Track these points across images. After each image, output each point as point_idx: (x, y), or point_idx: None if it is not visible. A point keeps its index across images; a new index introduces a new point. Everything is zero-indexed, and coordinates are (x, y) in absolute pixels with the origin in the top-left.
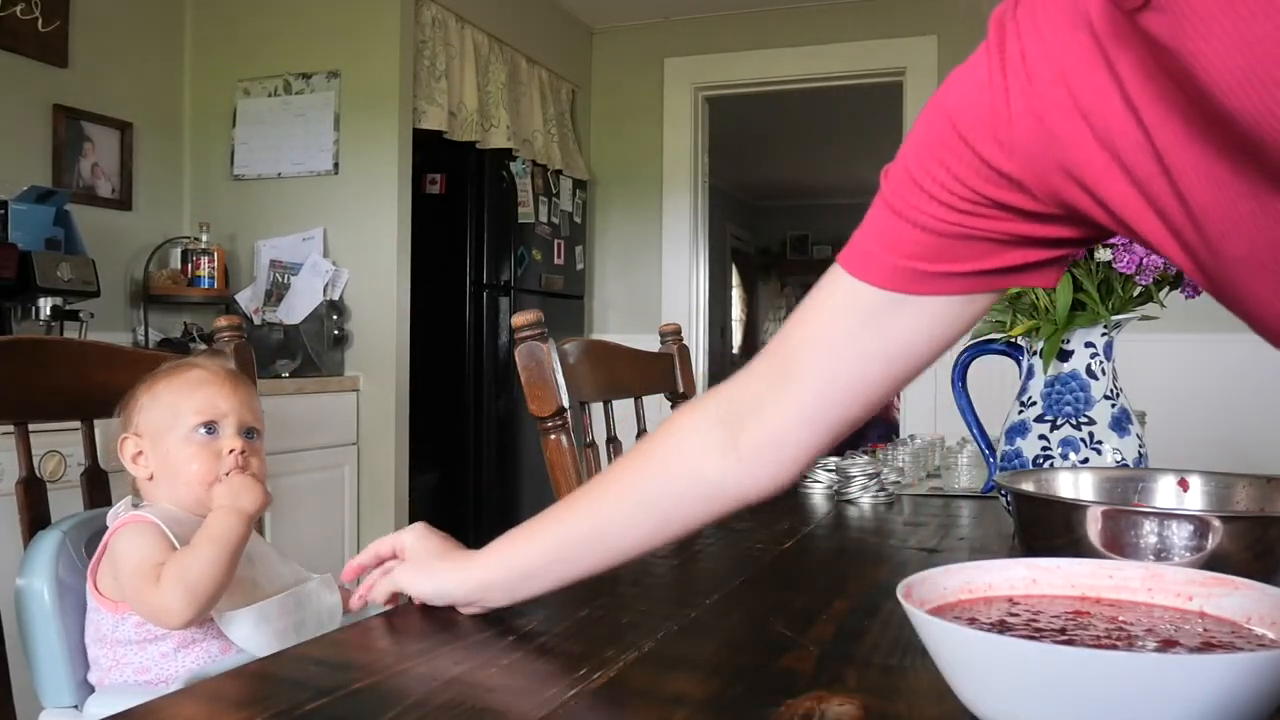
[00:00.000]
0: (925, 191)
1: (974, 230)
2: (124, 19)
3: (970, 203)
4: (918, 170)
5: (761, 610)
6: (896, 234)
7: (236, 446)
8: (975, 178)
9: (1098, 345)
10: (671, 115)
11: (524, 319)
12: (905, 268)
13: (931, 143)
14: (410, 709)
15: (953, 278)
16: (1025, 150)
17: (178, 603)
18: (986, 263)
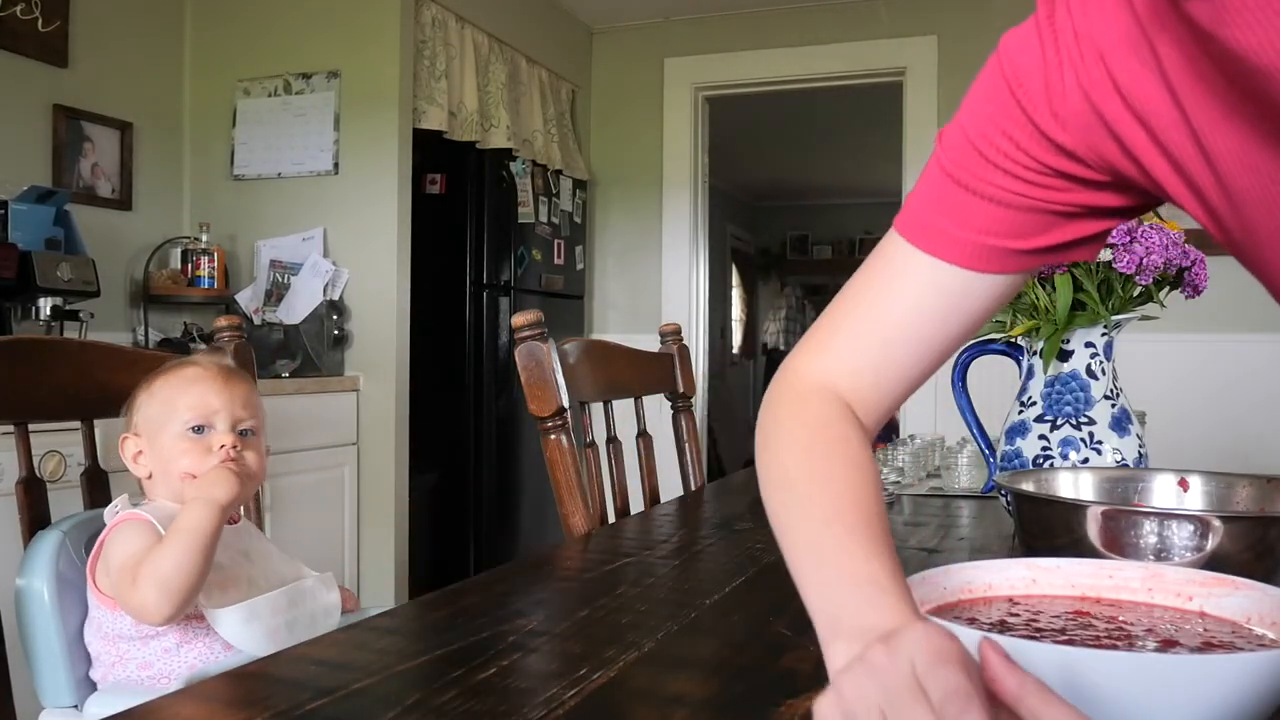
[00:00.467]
0: (990, 161)
1: (1040, 202)
2: (124, 19)
3: (1035, 172)
4: (979, 139)
5: (761, 610)
6: (966, 208)
7: (227, 443)
8: (1037, 148)
9: (1098, 345)
10: (671, 115)
11: (524, 319)
12: (983, 245)
13: (993, 111)
14: (410, 709)
15: (1026, 255)
16: (1077, 123)
17: (154, 599)
18: (1053, 237)
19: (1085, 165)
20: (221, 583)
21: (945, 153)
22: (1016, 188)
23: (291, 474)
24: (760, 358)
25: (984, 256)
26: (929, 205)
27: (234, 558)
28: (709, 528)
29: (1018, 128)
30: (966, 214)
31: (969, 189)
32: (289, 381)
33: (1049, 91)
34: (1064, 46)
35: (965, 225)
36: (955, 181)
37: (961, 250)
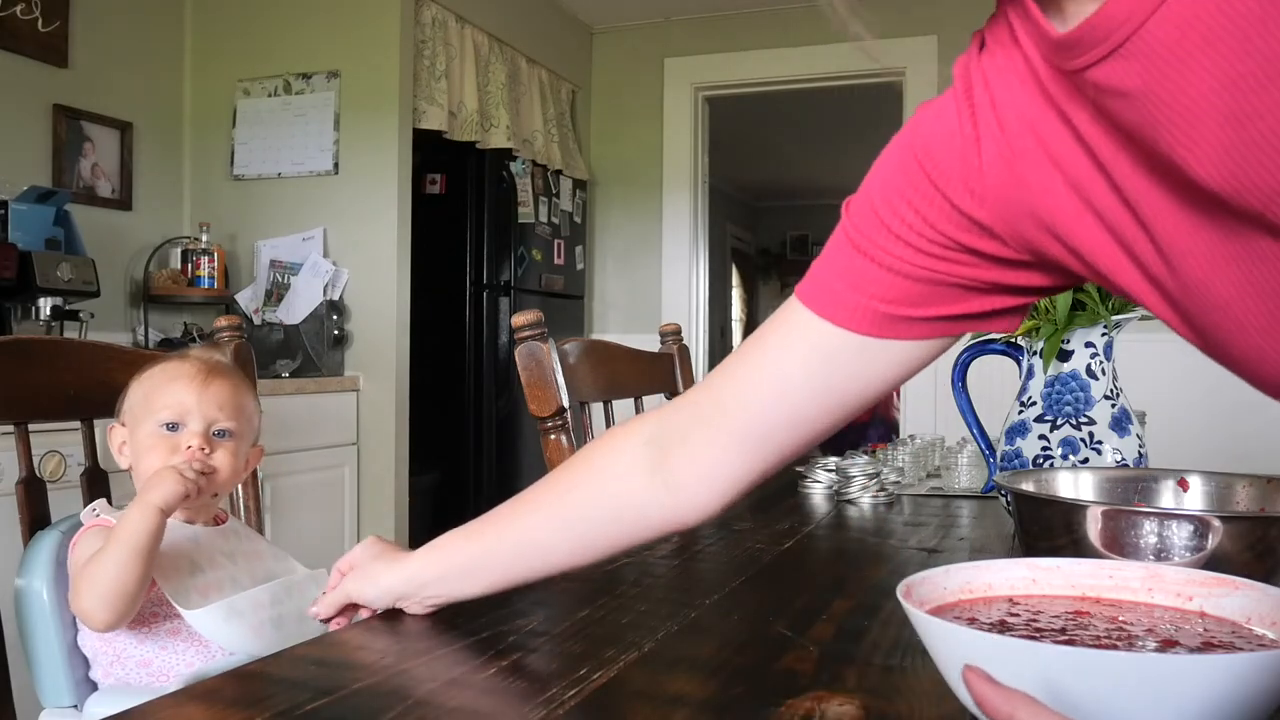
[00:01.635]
0: (893, 233)
1: (944, 275)
2: (124, 19)
3: (941, 247)
4: (885, 210)
5: (761, 610)
6: (863, 274)
7: (194, 444)
8: (946, 223)
9: (1098, 345)
10: (671, 115)
11: (524, 319)
12: (873, 310)
13: (900, 183)
14: (410, 709)
15: (921, 322)
16: (997, 198)
17: (94, 608)
18: (955, 308)
19: (1000, 242)
20: (202, 586)
21: (850, 220)
22: (918, 260)
23: (291, 474)
24: None
25: (877, 322)
26: (829, 271)
27: (215, 559)
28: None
29: (926, 202)
30: (862, 279)
31: (869, 256)
32: (289, 381)
33: (966, 166)
34: (982, 120)
35: (859, 290)
36: (856, 249)
37: (847, 312)
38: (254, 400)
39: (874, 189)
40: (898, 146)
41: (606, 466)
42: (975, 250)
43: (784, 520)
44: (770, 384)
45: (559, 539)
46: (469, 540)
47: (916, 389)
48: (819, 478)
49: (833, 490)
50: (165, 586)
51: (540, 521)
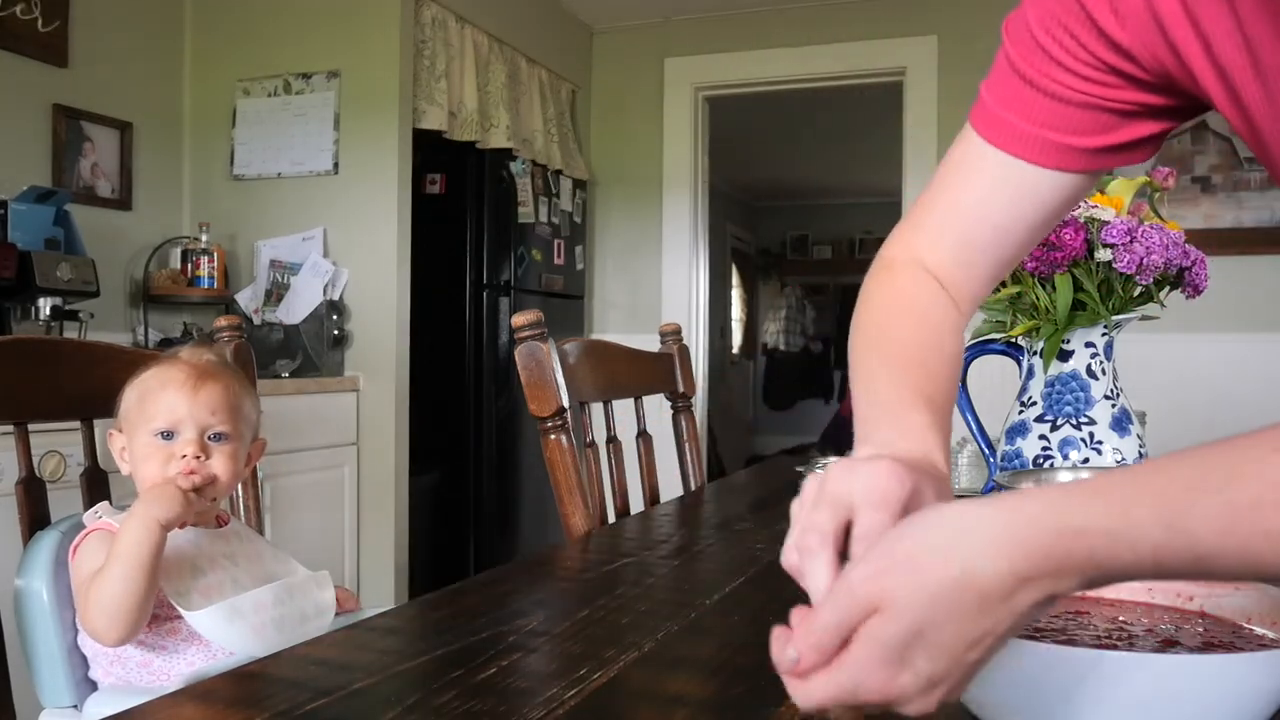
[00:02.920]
0: (1051, 56)
1: (1098, 99)
2: (124, 19)
3: (1092, 69)
4: (1041, 32)
5: (761, 610)
6: (1028, 101)
7: (189, 452)
8: (1094, 43)
9: (1098, 345)
10: (671, 115)
11: (524, 319)
12: (1046, 140)
13: (1055, 4)
14: (410, 709)
15: (1088, 154)
16: (1135, 22)
17: (102, 626)
18: (1111, 137)
19: (1139, 65)
20: (204, 589)
21: (1011, 45)
22: (1077, 85)
23: (291, 474)
24: (760, 358)
25: (1047, 152)
26: (997, 98)
27: (216, 561)
28: (709, 528)
29: (1077, 23)
30: (1030, 109)
31: (1032, 84)
32: (289, 381)
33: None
34: None
35: (1029, 119)
36: (1020, 75)
37: (1026, 145)
38: (251, 397)
39: (1030, 11)
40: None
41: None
42: (1121, 72)
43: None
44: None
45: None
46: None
47: None
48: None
49: None
50: (167, 588)
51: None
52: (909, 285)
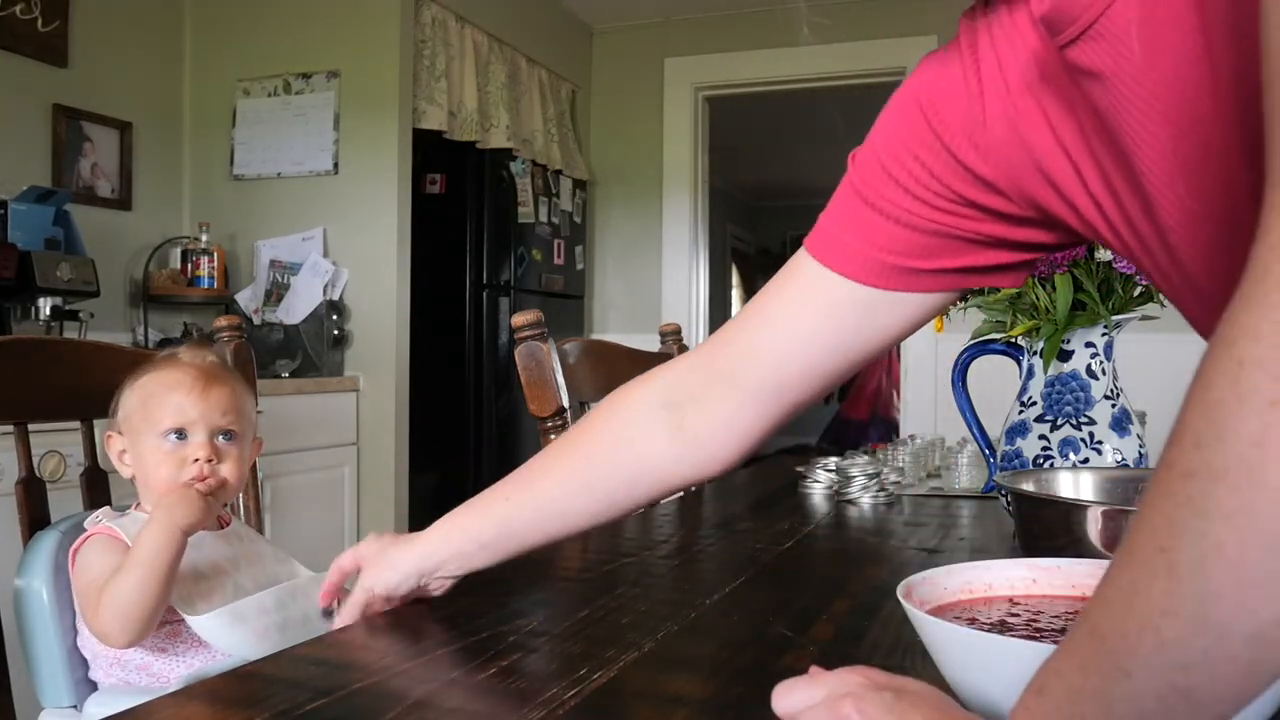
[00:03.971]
0: (898, 184)
1: (949, 228)
2: (124, 19)
3: (945, 200)
4: (890, 161)
5: (761, 610)
6: (869, 225)
7: (202, 455)
8: (950, 176)
9: (1098, 345)
10: (671, 115)
11: (524, 319)
12: (880, 261)
13: (905, 134)
14: (410, 709)
15: (927, 275)
16: (1000, 154)
17: (114, 628)
18: (961, 260)
19: (1005, 198)
20: (206, 592)
21: (856, 172)
22: (923, 212)
23: (291, 474)
24: None
25: (885, 274)
26: (836, 222)
27: (218, 564)
28: (709, 528)
29: (930, 155)
30: (869, 230)
31: (875, 208)
32: (289, 381)
33: (969, 122)
34: (987, 76)
35: (866, 241)
36: (863, 200)
37: (855, 263)
38: (251, 398)
39: (879, 141)
40: (902, 99)
41: (622, 430)
42: (979, 205)
43: (784, 520)
44: (783, 337)
45: (579, 503)
46: (486, 512)
47: (916, 389)
48: (819, 478)
49: (833, 490)
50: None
51: (558, 488)
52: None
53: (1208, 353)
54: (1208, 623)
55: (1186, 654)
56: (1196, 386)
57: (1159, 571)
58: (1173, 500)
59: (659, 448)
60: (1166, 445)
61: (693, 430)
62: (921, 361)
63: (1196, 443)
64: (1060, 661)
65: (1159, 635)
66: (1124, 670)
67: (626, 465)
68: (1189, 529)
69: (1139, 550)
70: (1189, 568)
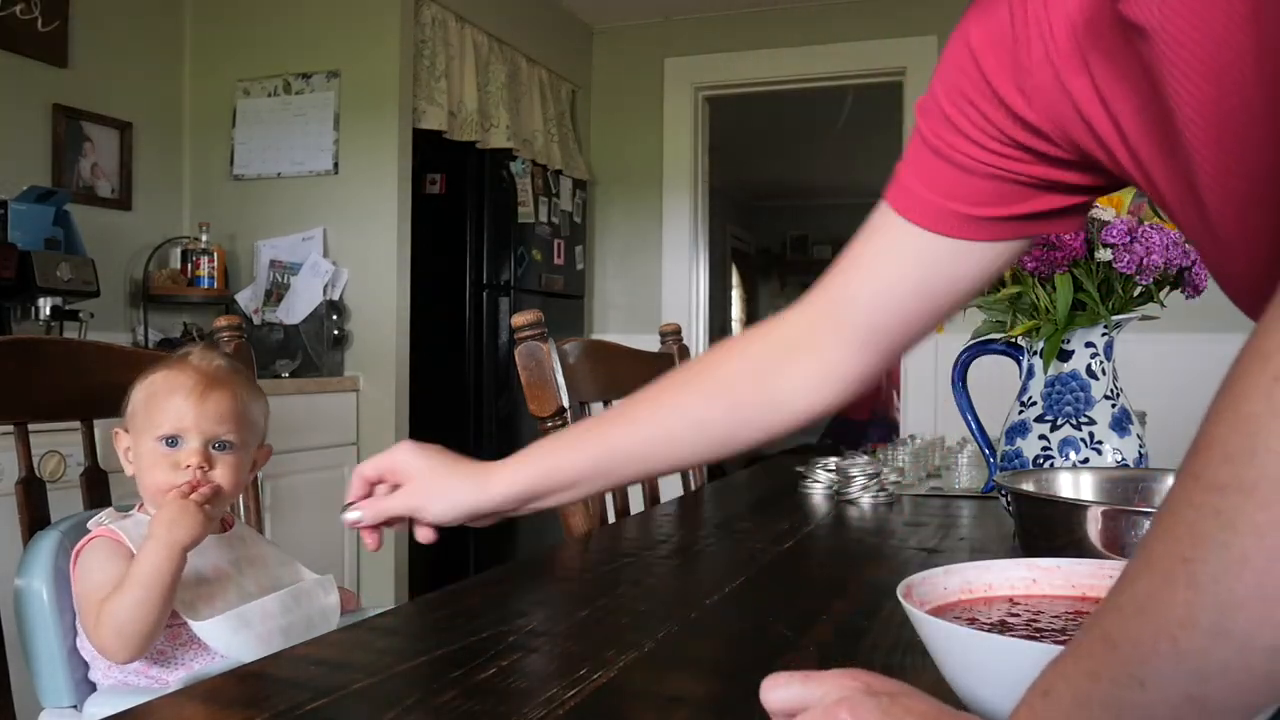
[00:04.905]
0: (957, 128)
1: (1003, 171)
2: (124, 19)
3: (1000, 143)
4: (948, 105)
5: (761, 610)
6: (935, 172)
7: (193, 462)
8: (1001, 119)
9: (1098, 345)
10: (671, 115)
11: (524, 319)
12: (950, 210)
13: (961, 81)
14: (410, 709)
15: (993, 223)
16: (1044, 99)
17: (113, 646)
18: (1019, 207)
19: (1050, 142)
20: (209, 596)
21: (923, 120)
22: (982, 156)
23: (291, 474)
24: None
25: (945, 220)
26: (909, 172)
27: (222, 568)
28: (709, 528)
29: (983, 99)
30: (936, 179)
31: (940, 155)
32: (289, 381)
33: (1016, 65)
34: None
35: (934, 188)
36: (930, 148)
37: (926, 212)
38: (259, 402)
39: (939, 88)
40: (955, 44)
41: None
42: (1028, 147)
43: (784, 520)
44: (877, 284)
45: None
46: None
47: (916, 389)
48: (819, 478)
49: (833, 490)
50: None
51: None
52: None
53: (1240, 364)
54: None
55: (1204, 665)
56: (1227, 398)
57: (1179, 581)
58: (1198, 512)
59: (781, 386)
60: (1191, 455)
61: (805, 372)
62: (921, 361)
63: (1226, 456)
64: (1068, 665)
65: (1176, 645)
66: (1137, 679)
67: (752, 404)
68: (1214, 541)
69: (1158, 559)
70: (1211, 579)
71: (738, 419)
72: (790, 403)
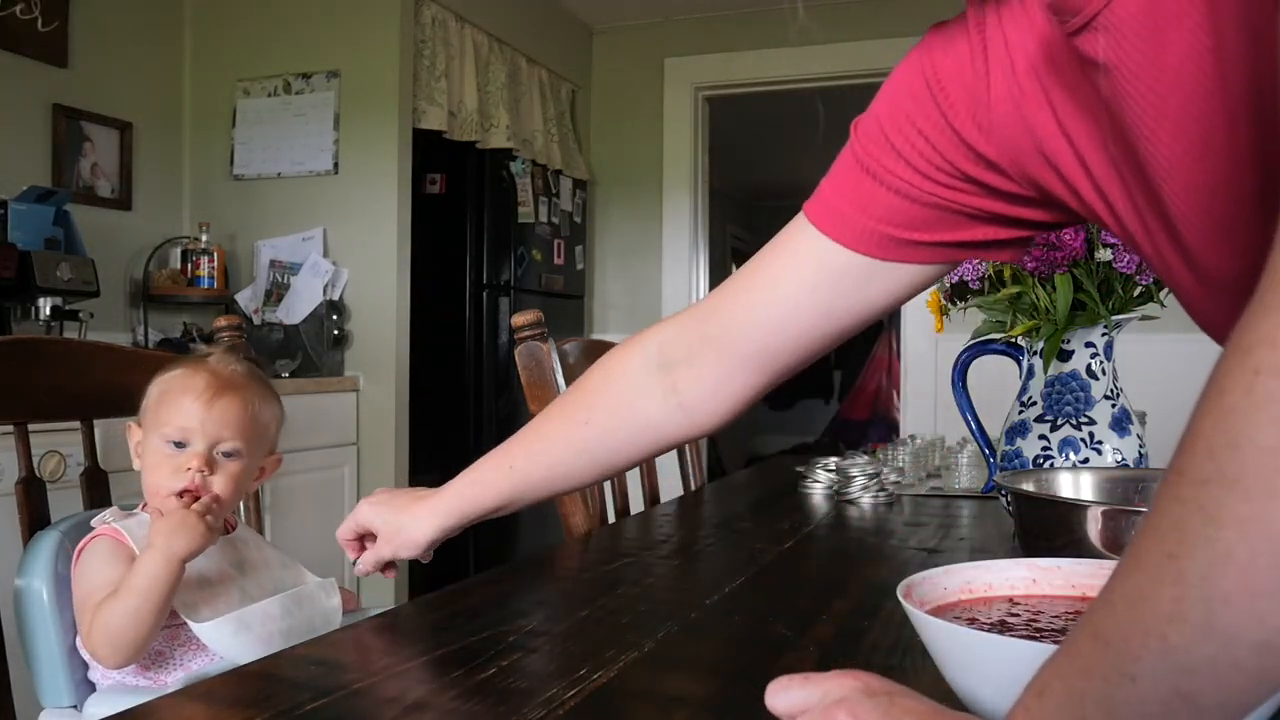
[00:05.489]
0: (899, 154)
1: (948, 202)
2: (124, 19)
3: (945, 174)
4: (892, 130)
5: (761, 610)
6: (868, 195)
7: (193, 465)
8: (953, 152)
9: (1098, 345)
10: (671, 115)
11: (524, 319)
12: (877, 231)
13: (909, 106)
14: (410, 709)
15: (923, 247)
16: (1003, 134)
17: (104, 652)
18: (958, 234)
19: (1006, 177)
20: (210, 598)
21: (858, 140)
22: (923, 185)
23: (291, 474)
24: None
25: (882, 244)
26: (835, 189)
27: (224, 569)
28: (709, 528)
29: (934, 129)
30: (868, 200)
31: (875, 177)
32: (289, 381)
33: (973, 101)
34: (994, 55)
35: (864, 210)
36: (863, 169)
37: (852, 232)
38: (272, 408)
39: (882, 110)
40: (907, 70)
41: (620, 393)
42: (980, 181)
43: (784, 520)
44: (776, 304)
45: (583, 463)
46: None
47: (916, 389)
48: (819, 478)
49: (833, 490)
50: (175, 599)
51: (561, 451)
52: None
53: (1223, 359)
54: (1215, 630)
55: (1192, 660)
56: (1210, 392)
57: (1166, 577)
58: (1183, 506)
59: (654, 408)
60: (1177, 451)
61: (685, 393)
62: (921, 361)
63: (1209, 450)
64: (1062, 664)
65: (1165, 641)
66: (1128, 675)
67: (625, 426)
68: (1199, 536)
69: (1146, 556)
70: (1198, 574)
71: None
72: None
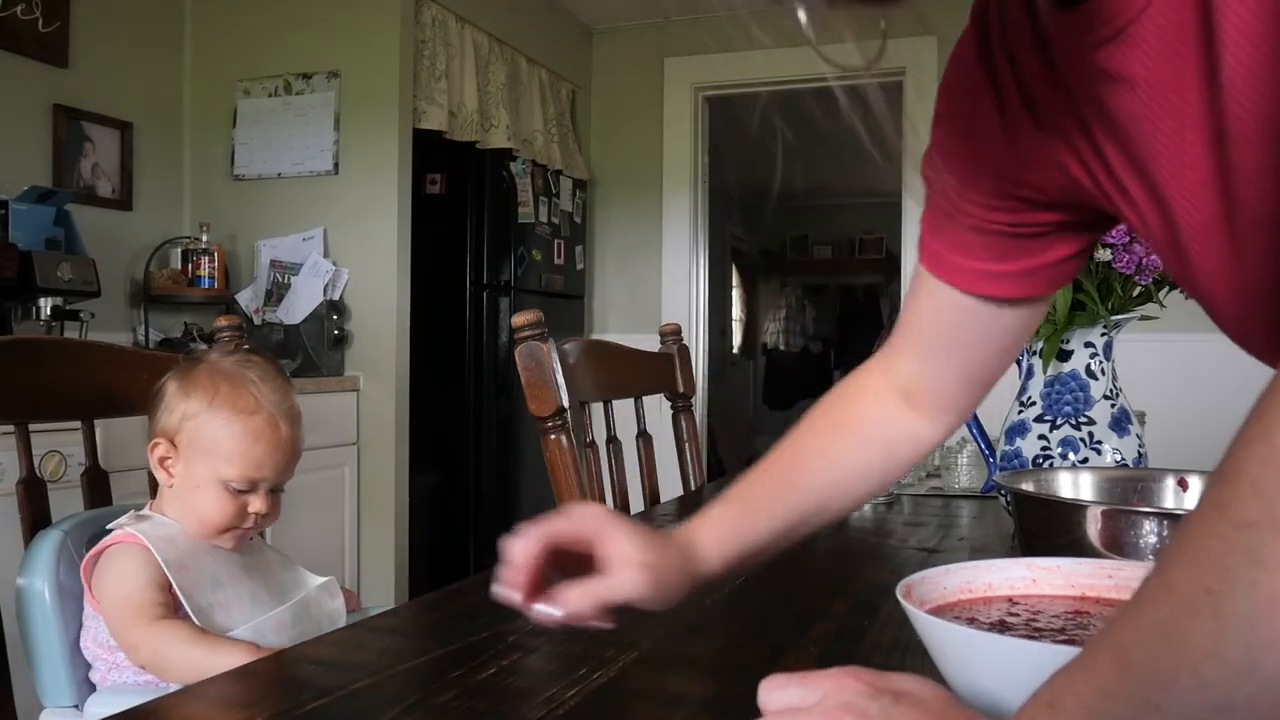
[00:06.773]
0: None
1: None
2: (124, 19)
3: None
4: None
5: (761, 610)
6: (956, 237)
7: (260, 509)
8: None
9: (1097, 345)
10: (671, 115)
11: (524, 319)
12: (978, 270)
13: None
14: (410, 709)
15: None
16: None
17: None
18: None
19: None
20: (224, 603)
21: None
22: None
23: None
24: (760, 358)
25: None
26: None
27: (233, 573)
28: None
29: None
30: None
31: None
32: None
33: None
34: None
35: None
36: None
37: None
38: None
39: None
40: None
41: (879, 418)
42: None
43: None
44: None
45: (858, 488)
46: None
47: None
48: None
49: None
50: (188, 604)
51: (838, 481)
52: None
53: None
54: (1255, 671)
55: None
56: (1256, 428)
57: (1203, 613)
58: (1225, 544)
59: (909, 423)
60: (1215, 482)
61: (926, 406)
62: None
63: (1257, 490)
64: (1077, 680)
65: (1198, 676)
66: (1154, 704)
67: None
68: (1241, 577)
69: (1181, 587)
70: (1239, 616)
71: (894, 460)
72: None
